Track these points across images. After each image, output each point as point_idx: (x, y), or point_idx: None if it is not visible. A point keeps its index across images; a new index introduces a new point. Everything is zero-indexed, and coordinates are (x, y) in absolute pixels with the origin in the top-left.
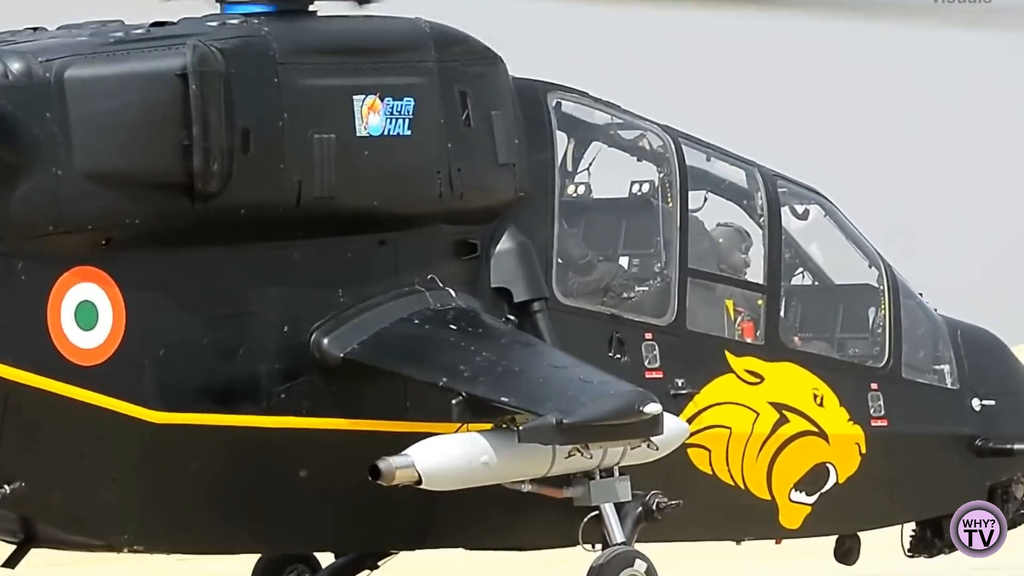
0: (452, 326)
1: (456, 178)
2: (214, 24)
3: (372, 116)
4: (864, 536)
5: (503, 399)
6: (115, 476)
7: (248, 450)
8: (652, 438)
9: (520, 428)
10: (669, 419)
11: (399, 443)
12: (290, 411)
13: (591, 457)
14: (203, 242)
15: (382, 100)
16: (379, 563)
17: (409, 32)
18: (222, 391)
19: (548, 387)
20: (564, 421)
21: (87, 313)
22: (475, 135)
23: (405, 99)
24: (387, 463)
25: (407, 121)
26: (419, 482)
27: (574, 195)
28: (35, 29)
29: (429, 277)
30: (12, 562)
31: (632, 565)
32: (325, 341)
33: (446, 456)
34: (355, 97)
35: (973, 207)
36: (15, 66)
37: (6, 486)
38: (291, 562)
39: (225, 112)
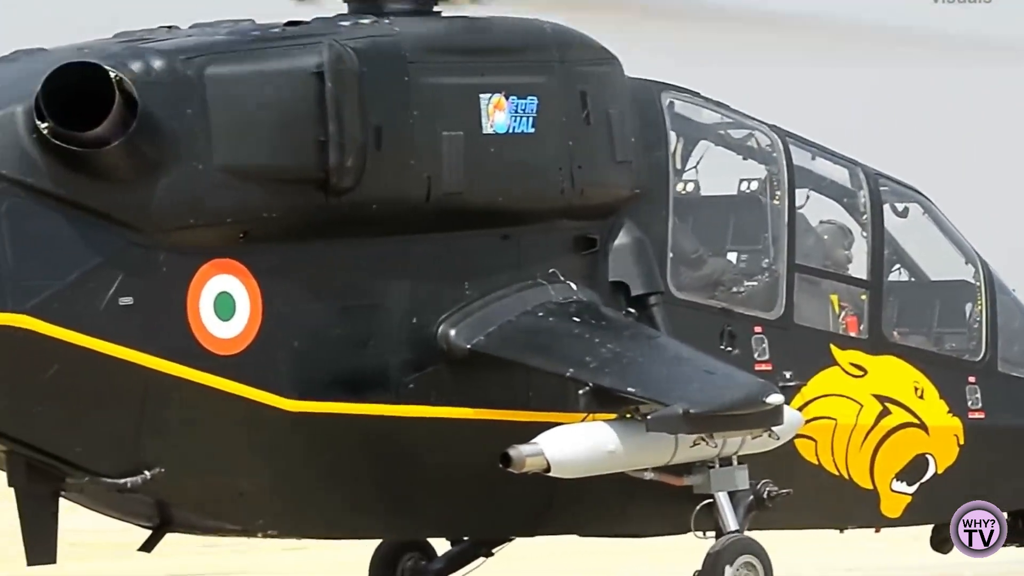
0: (575, 318)
1: (577, 175)
2: (347, 24)
3: (498, 114)
4: None
5: (629, 389)
6: (251, 463)
7: (377, 438)
8: (773, 428)
9: (648, 418)
10: (786, 409)
11: (521, 432)
12: (418, 400)
13: (716, 446)
14: (336, 235)
15: (507, 99)
16: (493, 550)
17: (532, 32)
18: (353, 381)
19: (674, 378)
20: (691, 411)
21: (225, 304)
22: (594, 133)
23: (529, 98)
24: (517, 451)
25: (531, 119)
26: (548, 469)
27: (684, 192)
28: (169, 28)
29: (551, 271)
30: (148, 546)
31: (747, 552)
32: (452, 332)
33: (574, 445)
34: (482, 95)
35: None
36: (157, 64)
37: (146, 472)
38: (407, 549)
39: (359, 109)
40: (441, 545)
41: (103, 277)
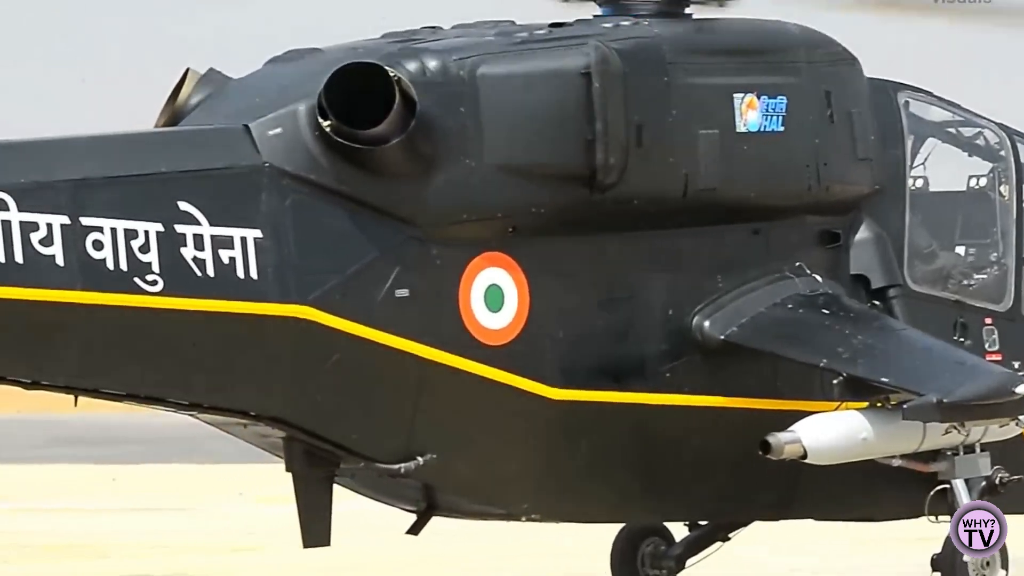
0: (824, 310)
1: (823, 172)
2: (608, 25)
3: (750, 113)
4: None
5: (883, 379)
6: (517, 449)
7: (635, 426)
8: (1020, 416)
9: (904, 407)
10: None
11: (770, 420)
12: (673, 389)
13: (966, 435)
14: (598, 230)
15: (759, 98)
16: (731, 535)
17: (780, 34)
18: (614, 370)
19: (925, 368)
20: (945, 401)
21: (495, 296)
22: (838, 132)
23: (779, 97)
24: (776, 438)
25: (780, 118)
26: (804, 456)
27: (915, 188)
28: (433, 28)
29: (797, 264)
30: (415, 530)
31: None
32: (706, 324)
33: (829, 432)
34: (735, 95)
35: None
36: (432, 64)
37: (419, 458)
38: (648, 535)
39: (622, 109)
40: (679, 530)
41: (381, 270)
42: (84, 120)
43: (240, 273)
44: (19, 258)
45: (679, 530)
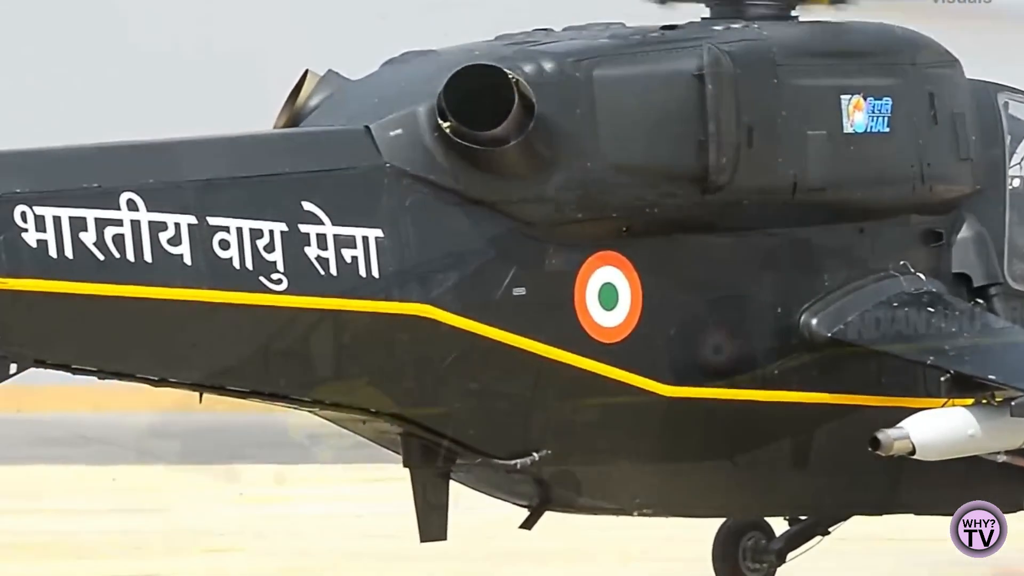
0: (929, 308)
1: (926, 172)
2: (719, 28)
3: (857, 114)
4: None
5: (990, 377)
6: (629, 444)
7: (744, 422)
8: None
9: (1013, 403)
10: None
11: (875, 416)
12: (781, 386)
13: None
14: (709, 230)
15: (865, 99)
16: (830, 529)
17: (885, 36)
18: (724, 367)
19: None
20: None
21: (609, 294)
22: (941, 132)
23: (884, 99)
24: (885, 435)
25: (886, 119)
26: (912, 452)
27: (1013, 188)
28: (545, 31)
29: (901, 263)
30: (528, 524)
31: None
32: (813, 322)
33: (937, 429)
34: (842, 96)
35: None
36: (548, 66)
37: (535, 454)
38: (749, 530)
39: (734, 110)
40: (779, 525)
41: (499, 269)
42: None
43: (362, 272)
44: (148, 257)
45: (779, 525)
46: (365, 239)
